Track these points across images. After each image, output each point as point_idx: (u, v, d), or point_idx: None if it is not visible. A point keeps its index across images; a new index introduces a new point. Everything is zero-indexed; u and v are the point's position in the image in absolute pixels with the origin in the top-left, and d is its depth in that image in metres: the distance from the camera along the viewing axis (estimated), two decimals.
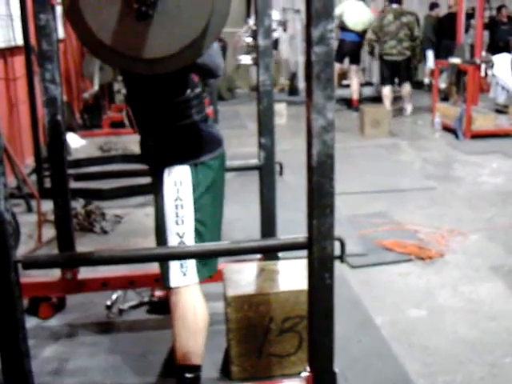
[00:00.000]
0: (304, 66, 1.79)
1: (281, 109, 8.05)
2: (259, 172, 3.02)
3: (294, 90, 10.61)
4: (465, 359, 2.62)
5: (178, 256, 1.97)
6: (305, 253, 1.74)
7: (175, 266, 2.09)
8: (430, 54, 10.32)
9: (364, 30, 8.57)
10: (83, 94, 7.76)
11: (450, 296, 3.21)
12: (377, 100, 9.17)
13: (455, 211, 4.54)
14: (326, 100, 1.60)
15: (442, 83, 9.09)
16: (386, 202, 4.74)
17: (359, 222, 4.27)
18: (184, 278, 2.10)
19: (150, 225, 2.30)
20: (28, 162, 5.75)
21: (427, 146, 6.86)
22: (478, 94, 7.88)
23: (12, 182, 4.64)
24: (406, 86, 8.43)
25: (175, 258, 2.03)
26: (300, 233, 1.77)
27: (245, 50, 8.90)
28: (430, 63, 10.40)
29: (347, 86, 9.87)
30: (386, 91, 8.36)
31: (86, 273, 2.96)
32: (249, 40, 8.49)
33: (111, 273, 2.92)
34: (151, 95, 2.10)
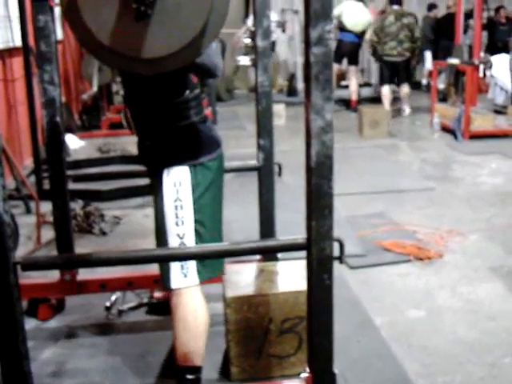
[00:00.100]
0: (303, 67, 1.79)
1: (279, 110, 8.04)
2: (258, 173, 3.02)
3: (292, 91, 10.61)
4: (464, 359, 2.62)
5: (176, 257, 1.97)
6: (304, 254, 1.74)
7: (176, 268, 2.08)
8: (427, 54, 10.33)
9: (363, 30, 8.58)
10: (82, 95, 7.77)
11: (449, 296, 3.21)
12: (375, 101, 9.17)
13: (454, 212, 4.55)
14: (324, 101, 1.60)
15: (441, 84, 9.09)
16: (385, 203, 4.74)
17: (358, 222, 4.27)
18: (185, 279, 2.09)
19: (149, 226, 2.30)
20: (27, 163, 5.74)
21: (426, 146, 6.86)
22: (477, 94, 7.87)
23: (11, 183, 4.63)
24: (405, 87, 8.43)
25: (174, 260, 2.02)
26: (299, 234, 1.76)
27: (243, 50, 8.89)
28: (427, 64, 10.41)
29: (346, 87, 9.86)
30: (386, 91, 8.36)
31: (84, 274, 2.96)
32: (247, 41, 8.48)
33: (110, 274, 2.92)
34: (150, 96, 2.10)
